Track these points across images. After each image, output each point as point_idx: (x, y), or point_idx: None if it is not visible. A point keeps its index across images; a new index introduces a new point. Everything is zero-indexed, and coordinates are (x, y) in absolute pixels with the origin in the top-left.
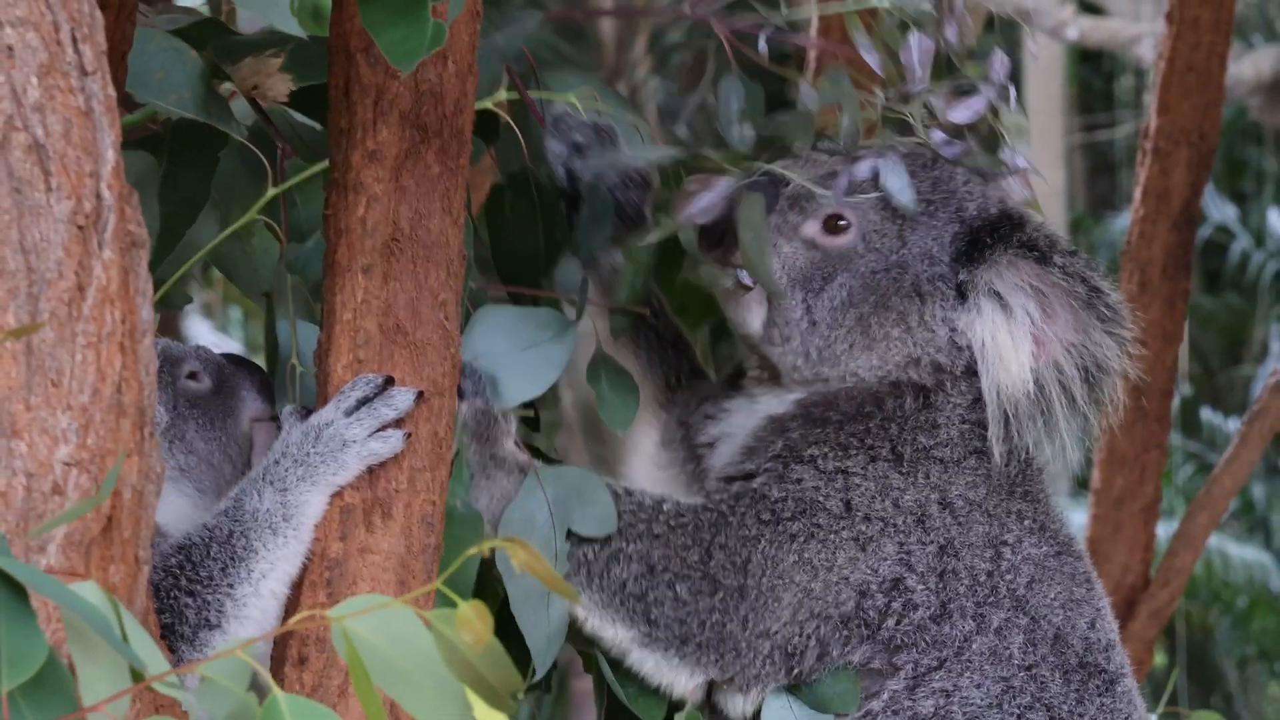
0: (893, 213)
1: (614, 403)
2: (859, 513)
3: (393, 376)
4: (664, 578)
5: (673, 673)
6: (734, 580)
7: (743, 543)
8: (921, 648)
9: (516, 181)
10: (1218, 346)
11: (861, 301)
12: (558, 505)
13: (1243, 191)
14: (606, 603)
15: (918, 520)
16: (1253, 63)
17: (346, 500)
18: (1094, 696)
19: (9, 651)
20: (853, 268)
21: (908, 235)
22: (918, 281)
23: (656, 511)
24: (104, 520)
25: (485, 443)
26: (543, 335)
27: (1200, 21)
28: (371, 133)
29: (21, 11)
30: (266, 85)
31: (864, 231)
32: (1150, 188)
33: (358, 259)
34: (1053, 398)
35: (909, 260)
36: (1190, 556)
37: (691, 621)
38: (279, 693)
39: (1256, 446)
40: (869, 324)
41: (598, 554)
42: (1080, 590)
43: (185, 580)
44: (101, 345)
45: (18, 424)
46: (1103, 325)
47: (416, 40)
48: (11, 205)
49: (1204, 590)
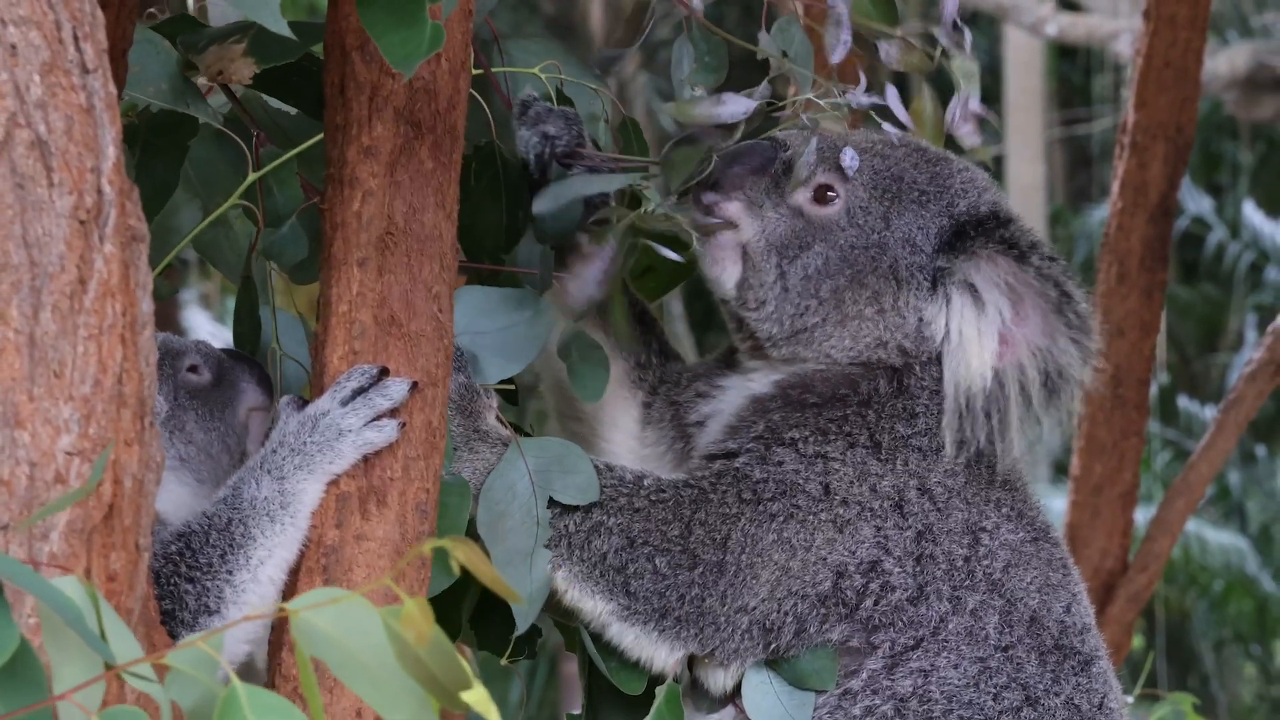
0: (882, 194)
1: (585, 374)
2: (837, 496)
3: (387, 367)
4: (644, 551)
5: (652, 646)
6: (713, 556)
7: (723, 520)
8: (898, 627)
9: (482, 155)
10: (1194, 336)
11: (837, 274)
12: (539, 475)
13: (1219, 184)
14: (586, 575)
15: (895, 505)
16: (1228, 58)
17: (342, 488)
18: (1069, 676)
19: None
20: (832, 239)
21: (893, 219)
22: (896, 265)
23: (638, 486)
24: (105, 508)
25: (469, 416)
26: (521, 314)
27: (1177, 18)
28: (367, 129)
29: (24, 10)
30: (231, 70)
31: (850, 206)
32: (1128, 181)
33: (353, 252)
34: (1010, 397)
35: (890, 243)
36: (1168, 541)
37: (670, 595)
38: (238, 684)
39: (1232, 434)
40: (842, 298)
41: (579, 526)
42: (1056, 575)
43: (185, 567)
44: (103, 337)
45: (21, 414)
46: (1069, 332)
47: (415, 42)
48: (15, 200)
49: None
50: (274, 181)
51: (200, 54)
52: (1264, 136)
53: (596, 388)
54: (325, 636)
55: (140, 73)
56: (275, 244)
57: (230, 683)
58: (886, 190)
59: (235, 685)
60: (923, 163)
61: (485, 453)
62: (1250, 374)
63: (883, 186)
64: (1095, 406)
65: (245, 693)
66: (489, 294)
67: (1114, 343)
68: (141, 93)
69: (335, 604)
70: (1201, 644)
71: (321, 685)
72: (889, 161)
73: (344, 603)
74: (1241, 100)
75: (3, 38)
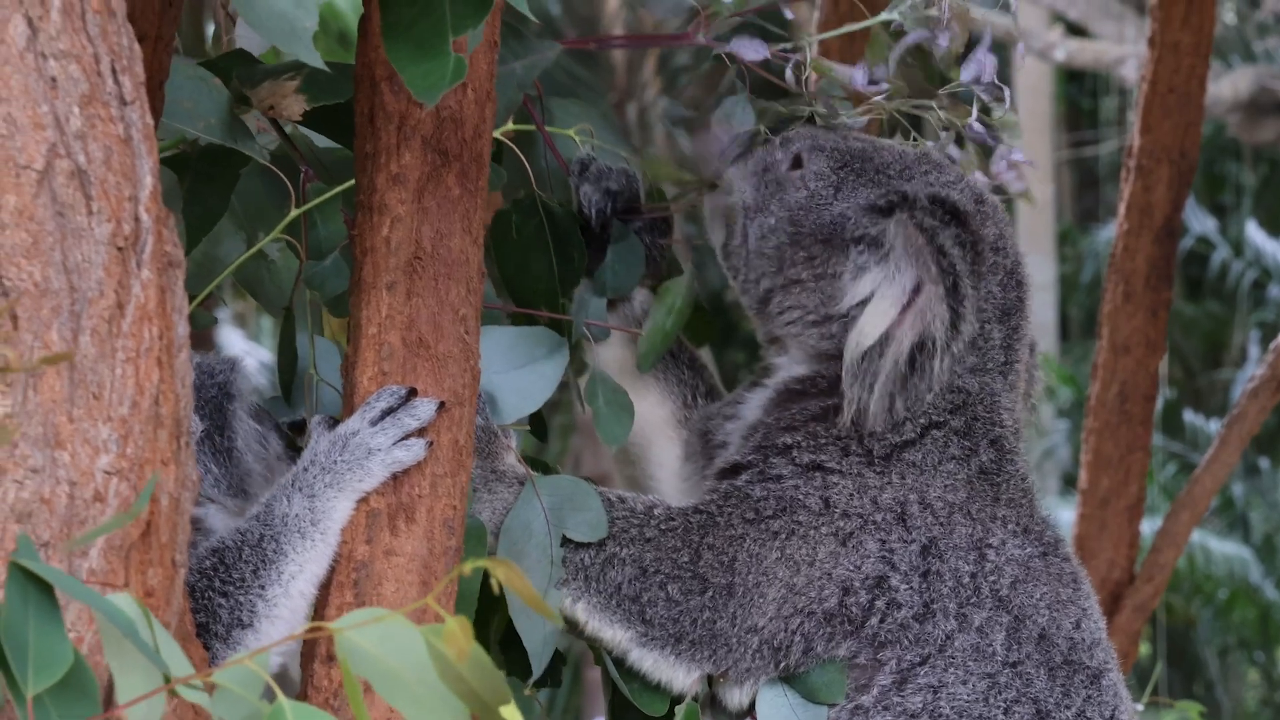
0: (843, 166)
1: (610, 419)
2: (837, 509)
3: (415, 388)
4: (656, 579)
5: (670, 669)
6: (722, 579)
7: (729, 542)
8: (905, 645)
9: (523, 206)
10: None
11: (780, 231)
12: (553, 512)
13: (1222, 204)
14: (603, 605)
15: (898, 518)
16: (1231, 83)
17: (372, 505)
18: (1079, 690)
19: (37, 655)
20: (785, 199)
21: (844, 190)
22: (833, 231)
23: (648, 516)
24: (143, 526)
25: (486, 458)
26: (537, 353)
27: (1181, 45)
28: (395, 157)
29: (65, 45)
30: (282, 105)
31: (810, 171)
32: (1134, 203)
33: (382, 276)
34: (888, 355)
35: (833, 212)
36: (1173, 552)
37: (684, 620)
38: (284, 700)
39: (1236, 448)
40: (783, 256)
41: (593, 559)
42: (1066, 590)
43: (219, 582)
44: (140, 360)
45: (61, 435)
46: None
47: (439, 74)
48: (55, 228)
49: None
50: (318, 215)
51: (254, 88)
52: (1266, 158)
53: (620, 432)
54: (367, 654)
55: (193, 108)
56: (317, 275)
57: (276, 699)
58: (849, 165)
59: (281, 702)
60: (898, 152)
61: (504, 492)
62: (1253, 390)
63: (845, 161)
64: (1103, 421)
65: (290, 709)
66: (505, 333)
67: (1120, 359)
68: (192, 127)
69: (378, 623)
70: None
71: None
72: (866, 145)
73: (386, 621)
74: (1244, 123)
75: (43, 71)
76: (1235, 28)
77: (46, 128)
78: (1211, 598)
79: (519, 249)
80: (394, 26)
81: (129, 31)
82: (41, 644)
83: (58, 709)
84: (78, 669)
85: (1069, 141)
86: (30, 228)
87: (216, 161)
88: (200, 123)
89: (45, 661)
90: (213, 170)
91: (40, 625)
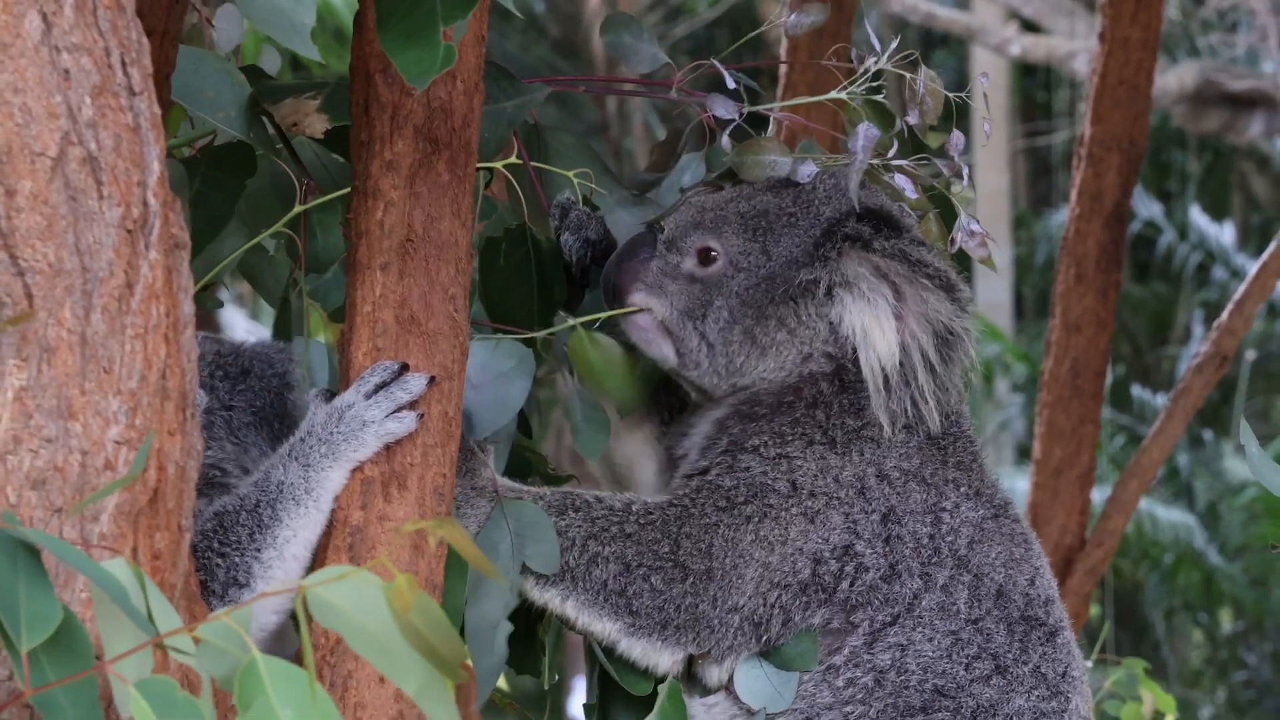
0: (754, 233)
1: (588, 434)
2: (804, 490)
3: (408, 363)
4: (640, 572)
5: (657, 654)
6: (701, 565)
7: (704, 530)
8: (875, 605)
9: (513, 236)
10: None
11: (743, 317)
12: (517, 537)
13: (1168, 191)
14: (591, 601)
15: (859, 492)
16: (1176, 76)
17: (366, 473)
18: (1036, 646)
19: (29, 614)
20: (727, 289)
21: (772, 249)
22: (789, 287)
23: (627, 513)
24: (150, 492)
25: (466, 475)
26: (505, 364)
27: (1130, 40)
28: (389, 145)
29: (77, 39)
30: (305, 123)
31: (730, 256)
32: (1085, 189)
33: (376, 258)
34: (916, 363)
35: (776, 271)
36: (1122, 519)
37: (669, 607)
38: (257, 655)
39: (1181, 420)
40: (754, 335)
41: (578, 560)
42: (1019, 550)
43: (217, 543)
44: (148, 336)
45: (74, 407)
46: (935, 291)
47: (429, 61)
48: (68, 211)
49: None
50: (318, 229)
51: (276, 105)
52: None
53: (597, 446)
54: (337, 610)
55: (214, 98)
56: (319, 289)
57: (251, 653)
58: (757, 228)
59: (255, 656)
60: (785, 189)
61: (484, 505)
62: (1197, 365)
63: (752, 226)
64: (1055, 395)
65: (264, 663)
66: (476, 349)
67: (1072, 337)
68: (212, 117)
69: (346, 580)
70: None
71: (349, 654)
72: (753, 201)
73: (353, 579)
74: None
75: (57, 63)
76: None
77: (60, 117)
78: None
79: (504, 275)
80: (387, 18)
81: (138, 26)
82: (32, 603)
83: (52, 665)
84: (71, 627)
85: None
86: (45, 211)
87: (223, 167)
88: (220, 114)
89: (36, 619)
90: (220, 176)
91: (29, 586)
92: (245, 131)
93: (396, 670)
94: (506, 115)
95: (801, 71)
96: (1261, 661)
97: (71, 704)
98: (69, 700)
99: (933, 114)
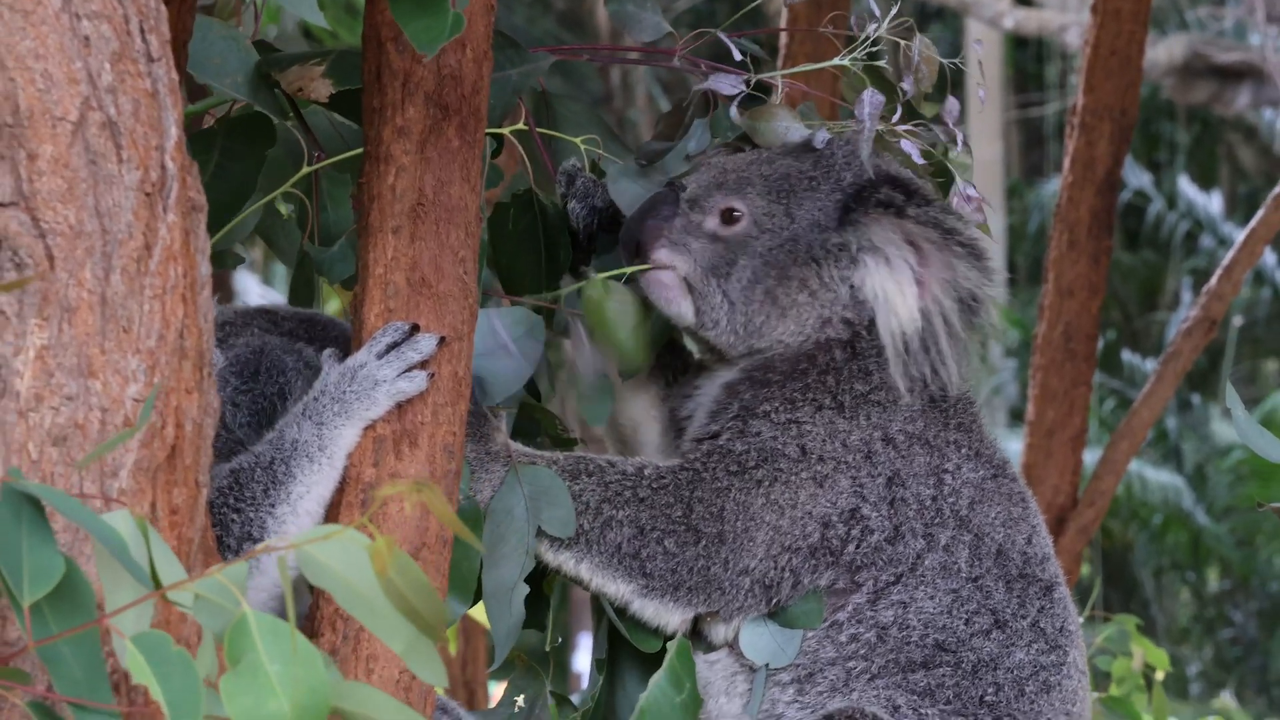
0: (778, 194)
1: (592, 400)
2: (813, 455)
3: (418, 324)
4: (653, 535)
5: (668, 614)
6: (713, 528)
7: (716, 494)
8: (879, 565)
9: (521, 201)
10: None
11: (765, 277)
12: (532, 501)
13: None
14: (605, 564)
15: (865, 456)
16: (1166, 48)
17: (378, 432)
18: (1034, 601)
19: (31, 567)
20: (751, 250)
21: (795, 211)
22: (811, 250)
23: (639, 477)
24: (168, 449)
25: (479, 440)
26: (517, 331)
27: (1121, 13)
28: (400, 111)
29: (97, 6)
30: (310, 88)
31: (755, 217)
32: (1077, 158)
33: (388, 221)
34: (938, 329)
35: (799, 233)
36: (1113, 480)
37: (681, 570)
38: (248, 610)
39: (1170, 384)
40: (776, 295)
41: (592, 524)
42: (1017, 509)
43: (233, 499)
44: (166, 297)
45: (94, 366)
46: (965, 259)
47: (439, 28)
48: (88, 175)
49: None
50: (328, 202)
51: (283, 72)
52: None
53: (602, 412)
54: (326, 569)
55: (220, 65)
56: (326, 261)
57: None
58: (780, 190)
59: (246, 612)
60: (804, 153)
61: (499, 470)
62: (1186, 330)
63: (776, 188)
64: (1048, 359)
65: (254, 618)
66: (485, 316)
67: (1065, 302)
68: (219, 83)
69: (331, 539)
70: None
71: None
72: (774, 165)
73: (339, 538)
74: (1178, 86)
75: (77, 30)
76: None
77: (80, 82)
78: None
79: (513, 240)
80: None
81: None
82: (35, 556)
83: (54, 617)
84: (74, 580)
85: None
86: (65, 174)
87: (242, 139)
88: (227, 79)
89: (39, 572)
90: (238, 147)
91: (32, 539)
92: (252, 96)
93: (383, 629)
94: (512, 83)
95: (800, 42)
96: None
97: (74, 656)
98: (71, 653)
99: (927, 81)
